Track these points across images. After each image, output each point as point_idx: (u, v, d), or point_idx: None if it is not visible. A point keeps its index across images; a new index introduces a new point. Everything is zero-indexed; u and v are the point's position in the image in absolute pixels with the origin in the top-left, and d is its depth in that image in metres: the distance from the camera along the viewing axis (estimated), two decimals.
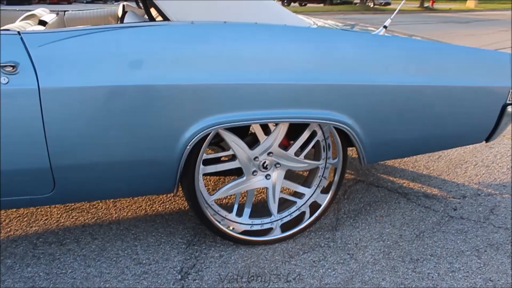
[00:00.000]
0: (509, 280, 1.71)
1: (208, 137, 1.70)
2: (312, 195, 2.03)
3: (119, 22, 1.80)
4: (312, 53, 1.69)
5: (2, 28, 1.58)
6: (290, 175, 2.51)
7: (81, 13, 2.80)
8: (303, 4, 23.71)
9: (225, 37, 1.61)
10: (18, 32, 1.48)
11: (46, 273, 1.71)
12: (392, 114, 1.84)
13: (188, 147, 1.63)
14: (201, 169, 1.82)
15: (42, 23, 2.21)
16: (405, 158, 2.91)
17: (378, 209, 2.25)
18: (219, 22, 1.63)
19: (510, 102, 2.05)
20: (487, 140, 2.16)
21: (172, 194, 2.32)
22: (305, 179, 2.10)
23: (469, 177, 2.64)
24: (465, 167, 2.79)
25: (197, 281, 1.69)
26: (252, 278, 1.71)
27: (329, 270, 1.76)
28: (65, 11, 2.77)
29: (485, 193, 2.44)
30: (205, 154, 1.80)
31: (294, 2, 23.38)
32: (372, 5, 24.07)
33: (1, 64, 1.41)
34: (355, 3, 23.22)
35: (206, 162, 1.89)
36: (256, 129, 1.82)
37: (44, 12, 2.47)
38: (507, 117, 2.07)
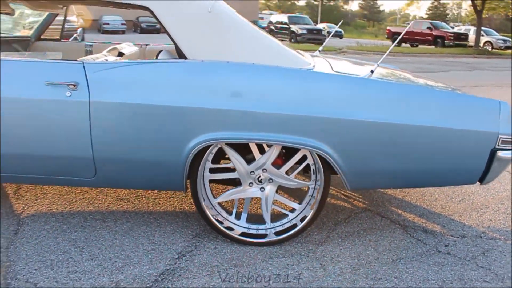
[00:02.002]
0: None
1: (209, 149, 2.16)
2: (302, 211, 2.35)
3: (155, 58, 2.38)
4: (297, 90, 2.07)
5: (79, 59, 2.24)
6: (290, 190, 2.85)
7: (159, 47, 3.50)
8: (414, 45, 23.17)
9: (226, 73, 2.08)
10: (82, 61, 2.12)
11: (85, 238, 2.30)
12: (371, 147, 2.11)
13: (191, 154, 2.10)
14: (207, 176, 2.28)
15: (120, 54, 2.89)
16: (425, 196, 3.03)
17: (370, 235, 2.47)
18: (223, 62, 2.11)
19: (499, 147, 2.17)
20: (481, 182, 2.29)
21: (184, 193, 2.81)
22: (298, 197, 2.44)
23: (481, 221, 2.70)
24: (483, 211, 2.84)
25: (188, 261, 2.13)
26: (230, 267, 2.10)
27: (297, 273, 2.07)
28: (147, 44, 3.48)
29: (488, 236, 2.51)
30: (211, 164, 2.27)
31: (405, 43, 23.02)
32: (490, 49, 22.57)
33: (67, 83, 2.05)
34: (469, 46, 21.95)
35: (213, 171, 2.35)
36: (253, 148, 2.23)
37: (127, 46, 3.19)
38: (498, 161, 2.19)
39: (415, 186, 2.36)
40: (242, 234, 2.34)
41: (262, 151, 2.25)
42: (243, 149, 2.27)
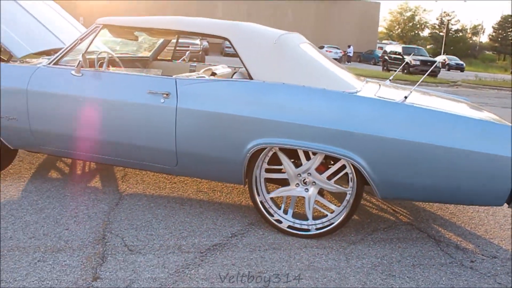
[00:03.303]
0: None
1: (264, 151, 2.68)
2: (340, 212, 2.73)
3: (231, 77, 2.98)
4: (338, 109, 2.51)
5: (174, 76, 2.92)
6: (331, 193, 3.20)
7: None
8: None
9: (281, 92, 2.60)
10: (175, 78, 2.80)
11: (164, 214, 2.94)
12: (397, 161, 2.45)
13: (248, 154, 2.64)
14: (263, 174, 2.79)
15: (213, 74, 3.55)
16: (472, 220, 3.17)
17: (401, 243, 2.75)
18: (280, 83, 2.62)
19: None
20: (509, 204, 2.47)
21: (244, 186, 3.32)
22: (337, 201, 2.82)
23: None
24: None
25: (237, 240, 2.65)
26: (269, 249, 2.57)
27: (323, 261, 2.47)
28: (240, 67, 4.13)
29: None
30: (267, 165, 2.77)
31: None
32: None
33: (163, 92, 2.73)
34: None
35: (268, 171, 2.84)
36: (300, 154, 2.69)
37: (221, 67, 3.85)
38: None
39: (441, 202, 2.60)
40: (289, 227, 2.79)
41: (308, 157, 2.70)
42: (293, 155, 2.74)
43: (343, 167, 2.67)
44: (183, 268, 2.30)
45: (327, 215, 2.78)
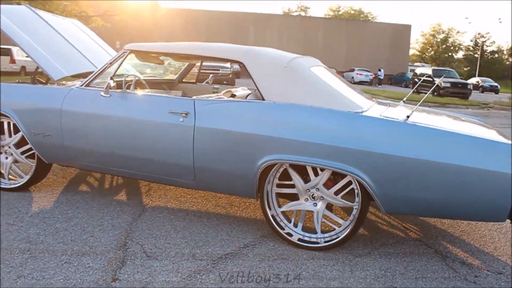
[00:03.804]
0: None
1: (275, 167, 2.85)
2: (347, 226, 2.85)
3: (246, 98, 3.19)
4: (343, 127, 2.67)
5: (194, 97, 3.15)
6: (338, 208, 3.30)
7: None
8: None
9: (290, 112, 2.78)
10: (194, 99, 3.03)
11: (183, 226, 3.14)
12: (399, 177, 2.57)
13: (259, 170, 2.82)
14: (274, 189, 2.95)
15: (233, 95, 3.78)
16: (483, 238, 3.21)
17: (408, 257, 2.84)
18: (289, 104, 2.81)
19: None
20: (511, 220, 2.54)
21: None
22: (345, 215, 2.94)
23: None
24: None
25: (249, 250, 2.81)
26: (278, 259, 2.71)
27: (328, 271, 2.59)
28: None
29: None
30: (278, 180, 2.94)
31: None
32: None
33: (182, 112, 2.97)
34: None
35: (280, 186, 3.00)
36: (309, 170, 2.85)
37: (241, 89, 4.08)
38: None
39: (444, 217, 2.69)
40: (299, 239, 2.93)
41: (316, 173, 2.85)
42: (302, 171, 2.91)
43: (350, 182, 2.80)
44: (195, 274, 2.47)
45: (334, 229, 2.91)
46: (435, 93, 20.03)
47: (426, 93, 21.07)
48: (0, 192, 3.61)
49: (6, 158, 3.65)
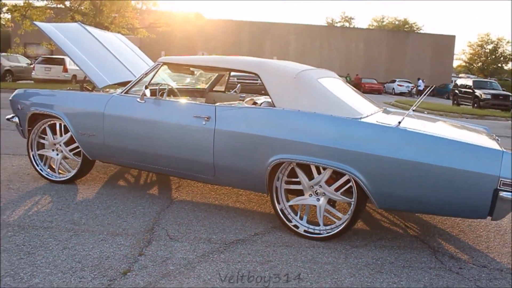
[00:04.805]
0: None
1: (283, 165, 3.24)
2: (346, 220, 3.20)
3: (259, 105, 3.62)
4: (339, 131, 3.04)
5: (217, 104, 3.60)
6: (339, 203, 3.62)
7: None
8: None
9: (296, 118, 3.18)
10: (215, 105, 3.48)
11: (203, 216, 3.58)
12: (391, 176, 2.90)
13: (269, 167, 3.23)
14: (283, 186, 3.35)
15: (255, 103, 4.21)
16: (480, 238, 3.46)
17: (400, 250, 3.14)
18: (296, 110, 3.20)
19: (501, 188, 2.71)
20: (492, 218, 2.81)
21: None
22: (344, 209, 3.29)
23: None
24: None
25: (258, 238, 3.21)
26: (282, 245, 3.10)
27: (324, 257, 2.95)
28: None
29: (510, 272, 2.90)
30: (286, 177, 3.33)
31: None
32: None
33: (204, 116, 3.42)
34: None
35: (288, 183, 3.38)
36: (313, 169, 3.22)
37: (264, 98, 4.49)
38: (501, 200, 2.72)
39: (431, 213, 2.97)
40: (305, 231, 3.30)
41: (319, 172, 3.22)
42: (307, 170, 3.28)
43: (349, 180, 3.15)
44: (208, 253, 2.90)
45: (335, 222, 3.26)
46: (475, 105, 19.70)
47: (467, 105, 20.74)
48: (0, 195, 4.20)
49: (57, 154, 4.24)
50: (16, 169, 4.75)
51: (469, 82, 21.81)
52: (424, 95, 3.89)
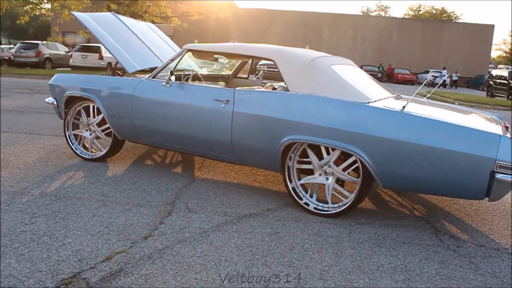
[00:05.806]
0: None
1: (294, 146, 3.47)
2: (353, 198, 3.40)
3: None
4: (347, 114, 3.24)
5: (237, 88, 3.85)
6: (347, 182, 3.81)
7: None
8: None
9: (307, 101, 3.40)
10: (234, 89, 3.72)
11: (221, 192, 3.86)
12: (394, 157, 3.09)
13: (281, 147, 3.47)
14: (295, 165, 3.58)
15: (274, 88, 4.43)
16: (485, 221, 3.59)
17: (403, 228, 3.33)
18: (308, 94, 3.42)
19: (497, 170, 2.86)
20: (489, 198, 2.96)
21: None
22: (351, 188, 3.50)
23: None
24: None
25: (270, 213, 3.46)
26: (292, 219, 3.34)
27: (330, 232, 3.17)
28: None
29: (507, 251, 3.04)
30: (298, 157, 3.55)
31: None
32: None
33: (224, 99, 3.69)
34: None
35: (300, 162, 3.61)
36: (322, 149, 3.44)
37: (283, 84, 4.72)
38: (498, 182, 2.87)
39: (432, 193, 3.15)
40: (315, 208, 3.53)
41: (328, 152, 3.43)
42: (317, 150, 3.50)
43: (356, 161, 3.35)
44: (222, 224, 3.18)
45: (342, 200, 3.47)
46: (510, 97, 19.18)
47: (501, 96, 20.21)
48: (0, 193, 4.58)
49: (90, 134, 4.61)
50: (54, 148, 5.18)
51: (505, 73, 21.20)
52: (438, 85, 4.02)
